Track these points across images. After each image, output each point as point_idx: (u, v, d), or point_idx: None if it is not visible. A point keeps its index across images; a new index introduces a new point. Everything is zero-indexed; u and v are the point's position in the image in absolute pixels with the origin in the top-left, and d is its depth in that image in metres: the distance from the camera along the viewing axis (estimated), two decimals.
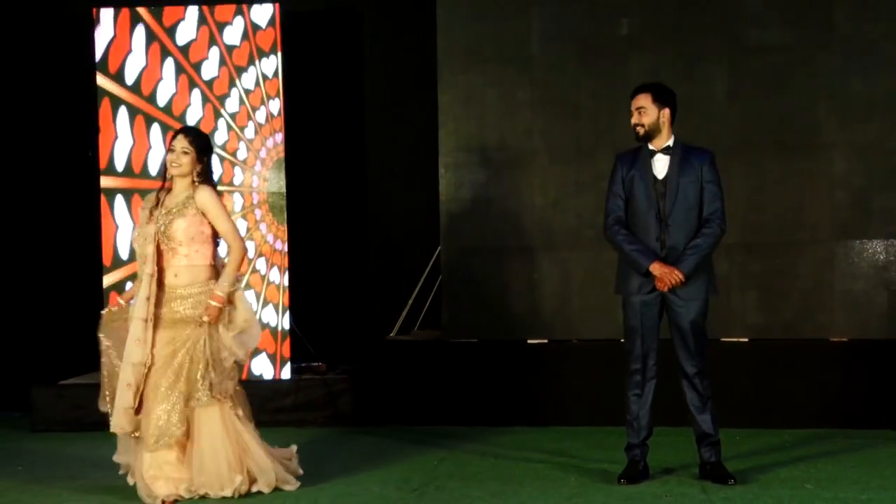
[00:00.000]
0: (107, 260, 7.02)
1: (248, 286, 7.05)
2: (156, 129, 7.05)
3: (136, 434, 4.96)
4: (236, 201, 7.06)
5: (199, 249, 4.98)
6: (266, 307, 7.06)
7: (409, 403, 6.87)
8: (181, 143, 4.98)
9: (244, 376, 7.01)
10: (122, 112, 7.05)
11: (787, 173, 6.72)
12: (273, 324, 7.06)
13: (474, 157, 7.01)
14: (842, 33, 6.63)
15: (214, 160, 5.20)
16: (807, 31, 6.67)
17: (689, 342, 5.07)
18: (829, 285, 6.65)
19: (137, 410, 4.90)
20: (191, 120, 7.03)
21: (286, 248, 7.07)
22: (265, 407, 6.89)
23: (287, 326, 7.07)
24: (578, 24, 6.90)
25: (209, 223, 5.00)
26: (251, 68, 7.08)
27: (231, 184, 7.07)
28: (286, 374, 7.03)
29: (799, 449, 5.84)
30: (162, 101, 7.06)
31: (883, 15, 6.61)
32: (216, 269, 5.05)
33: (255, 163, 7.08)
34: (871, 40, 6.62)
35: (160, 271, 4.96)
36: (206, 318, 4.89)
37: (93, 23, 7.10)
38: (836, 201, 6.67)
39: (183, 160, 4.96)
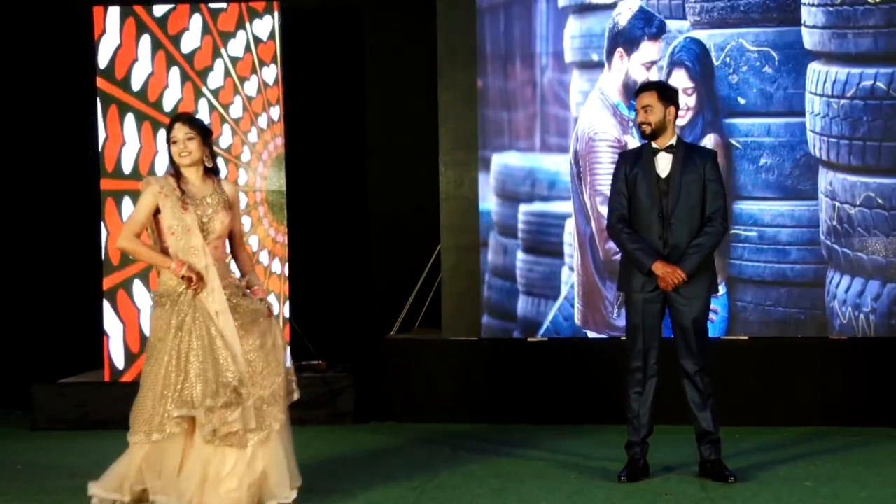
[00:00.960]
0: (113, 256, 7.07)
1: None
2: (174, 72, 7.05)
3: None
4: (241, 200, 7.05)
5: (224, 243, 4.72)
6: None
7: (409, 401, 6.87)
8: (182, 130, 4.63)
9: None
10: (124, 118, 7.04)
11: None
12: None
13: (474, 155, 7.01)
14: None
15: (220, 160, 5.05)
16: None
17: (690, 340, 5.08)
18: (829, 282, 6.65)
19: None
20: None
21: (276, 268, 7.05)
22: None
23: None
24: None
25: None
26: (253, 77, 7.06)
27: (235, 183, 7.05)
28: None
29: (799, 447, 5.85)
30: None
31: None
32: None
33: (258, 165, 7.08)
34: None
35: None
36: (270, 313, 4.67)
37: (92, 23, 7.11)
38: None
39: (191, 146, 4.61)
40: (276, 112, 7.04)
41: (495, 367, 6.84)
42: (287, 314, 7.04)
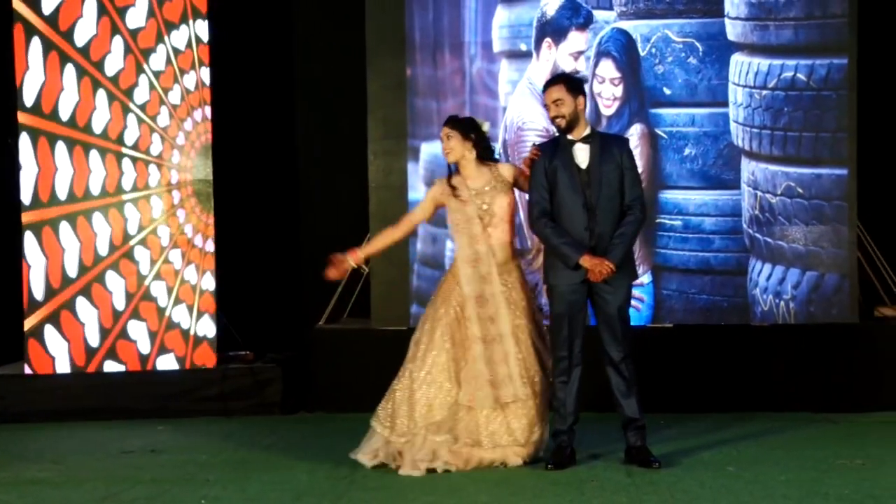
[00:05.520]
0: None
1: (158, 276, 6.92)
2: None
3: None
4: (152, 174, 6.92)
5: (508, 227, 5.27)
6: (178, 306, 6.95)
7: (338, 392, 6.85)
8: (444, 131, 5.27)
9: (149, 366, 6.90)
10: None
11: None
12: (185, 326, 6.96)
13: (403, 144, 7.00)
14: None
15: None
16: None
17: (615, 329, 5.13)
18: (751, 270, 6.77)
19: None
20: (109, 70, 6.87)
21: (210, 247, 6.97)
22: (190, 396, 6.83)
23: (201, 333, 6.98)
24: None
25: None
26: (176, 86, 6.92)
27: (147, 152, 6.93)
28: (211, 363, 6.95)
29: (722, 432, 5.94)
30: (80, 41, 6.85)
31: None
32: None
33: (178, 134, 6.94)
34: None
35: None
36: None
37: None
38: None
39: (451, 144, 5.22)
40: (199, 114, 6.93)
41: None
42: (205, 322, 6.99)
